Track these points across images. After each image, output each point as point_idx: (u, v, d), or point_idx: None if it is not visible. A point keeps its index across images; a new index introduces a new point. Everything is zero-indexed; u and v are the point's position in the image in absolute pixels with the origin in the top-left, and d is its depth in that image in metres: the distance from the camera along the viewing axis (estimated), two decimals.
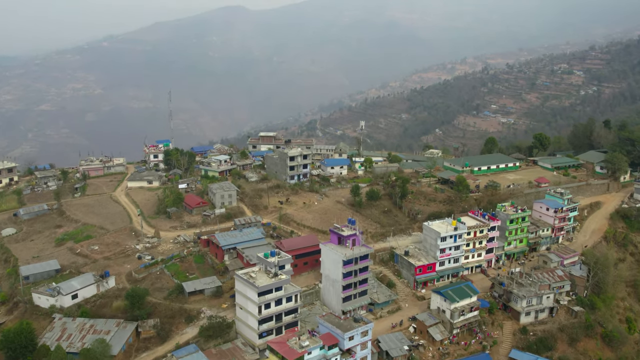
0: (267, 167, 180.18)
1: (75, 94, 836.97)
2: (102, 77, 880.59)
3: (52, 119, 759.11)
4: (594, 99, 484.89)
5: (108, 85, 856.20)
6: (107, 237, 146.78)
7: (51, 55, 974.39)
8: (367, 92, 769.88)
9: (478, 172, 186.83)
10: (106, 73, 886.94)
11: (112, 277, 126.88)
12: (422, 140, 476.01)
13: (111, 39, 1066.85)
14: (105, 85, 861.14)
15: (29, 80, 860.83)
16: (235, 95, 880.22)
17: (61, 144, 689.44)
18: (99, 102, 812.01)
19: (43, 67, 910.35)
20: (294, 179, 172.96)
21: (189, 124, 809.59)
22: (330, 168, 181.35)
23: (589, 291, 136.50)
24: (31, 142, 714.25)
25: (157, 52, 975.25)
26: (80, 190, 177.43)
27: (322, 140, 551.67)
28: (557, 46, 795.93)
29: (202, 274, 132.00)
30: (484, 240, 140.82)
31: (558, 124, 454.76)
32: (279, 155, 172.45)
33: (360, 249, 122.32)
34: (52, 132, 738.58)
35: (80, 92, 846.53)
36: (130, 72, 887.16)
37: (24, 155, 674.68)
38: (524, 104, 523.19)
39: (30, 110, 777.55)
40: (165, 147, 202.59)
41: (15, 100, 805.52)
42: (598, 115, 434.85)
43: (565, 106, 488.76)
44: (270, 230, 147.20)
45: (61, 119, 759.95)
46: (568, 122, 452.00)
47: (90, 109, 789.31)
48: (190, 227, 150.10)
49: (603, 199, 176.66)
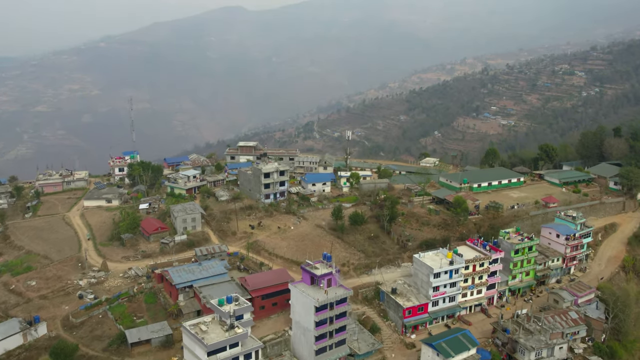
0: (241, 184, 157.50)
1: (71, 95, 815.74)
2: (99, 78, 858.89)
3: (49, 121, 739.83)
4: (596, 101, 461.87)
5: (105, 86, 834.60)
6: (49, 270, 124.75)
7: (48, 55, 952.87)
8: (365, 93, 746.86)
9: (478, 189, 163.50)
10: (103, 74, 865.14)
11: (43, 323, 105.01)
12: (420, 143, 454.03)
13: (109, 40, 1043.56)
14: (103, 86, 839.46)
15: (25, 81, 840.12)
16: (234, 96, 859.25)
17: (57, 145, 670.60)
18: (95, 103, 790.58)
19: (40, 68, 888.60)
20: (269, 198, 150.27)
21: (187, 125, 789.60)
22: (312, 185, 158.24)
23: (608, 335, 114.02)
24: (27, 143, 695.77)
25: (155, 53, 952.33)
26: (32, 209, 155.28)
27: (320, 142, 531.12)
28: (557, 46, 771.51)
29: (152, 318, 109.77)
30: (485, 275, 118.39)
31: (560, 126, 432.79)
32: (253, 171, 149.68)
33: (337, 292, 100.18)
34: (48, 134, 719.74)
35: (76, 93, 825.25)
36: (127, 73, 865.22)
37: (19, 157, 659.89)
38: (525, 106, 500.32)
39: (26, 111, 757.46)
40: (132, 159, 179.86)
41: (11, 101, 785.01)
42: (601, 117, 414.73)
43: (567, 108, 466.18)
44: (237, 262, 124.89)
45: (57, 120, 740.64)
46: (570, 124, 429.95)
47: (86, 110, 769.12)
48: (146, 258, 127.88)
49: (619, 219, 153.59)
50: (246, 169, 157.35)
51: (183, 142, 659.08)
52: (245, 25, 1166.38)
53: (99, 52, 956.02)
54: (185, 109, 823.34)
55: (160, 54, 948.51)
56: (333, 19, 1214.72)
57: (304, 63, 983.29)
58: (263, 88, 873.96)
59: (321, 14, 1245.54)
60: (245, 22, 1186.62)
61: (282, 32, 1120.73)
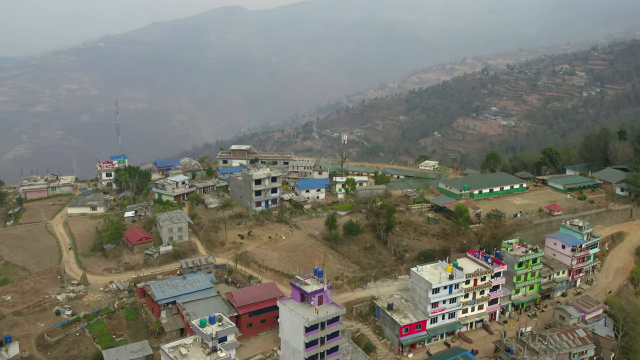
0: (231, 191, 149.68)
1: (70, 95, 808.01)
2: (98, 78, 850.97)
3: (47, 121, 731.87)
4: (597, 101, 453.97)
5: (104, 86, 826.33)
6: (27, 283, 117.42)
7: (47, 55, 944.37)
8: (365, 92, 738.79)
9: (478, 195, 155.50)
10: (102, 74, 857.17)
11: (15, 342, 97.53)
12: (420, 143, 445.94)
13: (108, 39, 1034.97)
14: (101, 86, 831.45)
15: (24, 81, 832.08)
16: (233, 96, 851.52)
17: (56, 145, 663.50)
18: (94, 103, 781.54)
19: (39, 67, 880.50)
20: (261, 205, 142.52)
21: (187, 125, 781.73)
22: (305, 192, 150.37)
23: (617, 354, 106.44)
24: (26, 143, 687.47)
25: (155, 53, 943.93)
26: (14, 217, 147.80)
27: (319, 143, 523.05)
28: (557, 46, 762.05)
29: (132, 336, 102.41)
30: (487, 290, 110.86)
31: (560, 126, 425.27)
32: (243, 178, 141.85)
33: (329, 310, 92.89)
34: (46, 134, 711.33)
35: (75, 93, 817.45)
36: (126, 73, 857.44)
37: (18, 157, 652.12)
38: (525, 106, 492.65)
39: (25, 111, 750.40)
40: (121, 163, 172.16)
41: (10, 101, 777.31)
42: (602, 118, 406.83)
43: (568, 108, 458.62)
44: (225, 275, 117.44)
45: (56, 120, 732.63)
46: (570, 124, 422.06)
47: (85, 110, 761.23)
48: (128, 270, 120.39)
49: (626, 228, 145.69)
50: (237, 174, 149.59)
51: (182, 142, 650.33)
52: (245, 25, 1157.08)
53: (98, 51, 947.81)
54: (184, 108, 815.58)
55: (159, 53, 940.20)
56: (333, 19, 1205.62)
57: (304, 63, 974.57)
58: (262, 88, 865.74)
59: (321, 14, 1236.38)
60: (245, 22, 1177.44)
61: (282, 32, 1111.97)
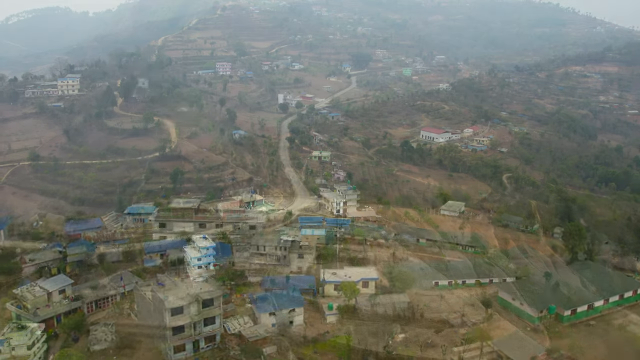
0: (139, 314, 79.87)
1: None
2: None
3: None
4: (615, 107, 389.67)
5: None
6: None
7: None
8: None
9: (572, 318, 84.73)
10: None
11: None
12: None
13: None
14: None
15: None
16: None
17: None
18: None
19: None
20: (184, 350, 72.86)
21: None
22: (268, 315, 79.89)
23: None
24: None
25: None
26: None
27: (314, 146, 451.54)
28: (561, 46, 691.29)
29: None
30: None
31: (577, 133, 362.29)
32: (154, 302, 71.96)
33: None
34: None
35: None
36: None
37: None
38: (537, 111, 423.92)
39: None
40: None
41: None
42: (623, 125, 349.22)
43: (584, 114, 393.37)
44: None
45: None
46: (588, 132, 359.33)
47: None
48: None
49: None
50: (145, 290, 77.32)
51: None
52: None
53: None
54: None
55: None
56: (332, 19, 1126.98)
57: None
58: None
59: (321, 14, 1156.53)
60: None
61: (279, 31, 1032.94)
